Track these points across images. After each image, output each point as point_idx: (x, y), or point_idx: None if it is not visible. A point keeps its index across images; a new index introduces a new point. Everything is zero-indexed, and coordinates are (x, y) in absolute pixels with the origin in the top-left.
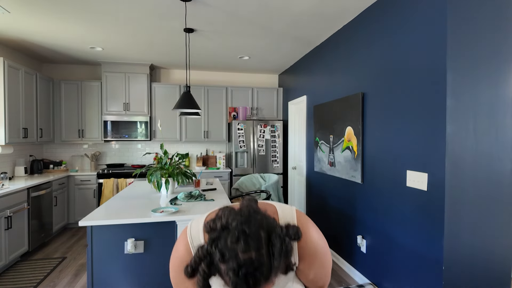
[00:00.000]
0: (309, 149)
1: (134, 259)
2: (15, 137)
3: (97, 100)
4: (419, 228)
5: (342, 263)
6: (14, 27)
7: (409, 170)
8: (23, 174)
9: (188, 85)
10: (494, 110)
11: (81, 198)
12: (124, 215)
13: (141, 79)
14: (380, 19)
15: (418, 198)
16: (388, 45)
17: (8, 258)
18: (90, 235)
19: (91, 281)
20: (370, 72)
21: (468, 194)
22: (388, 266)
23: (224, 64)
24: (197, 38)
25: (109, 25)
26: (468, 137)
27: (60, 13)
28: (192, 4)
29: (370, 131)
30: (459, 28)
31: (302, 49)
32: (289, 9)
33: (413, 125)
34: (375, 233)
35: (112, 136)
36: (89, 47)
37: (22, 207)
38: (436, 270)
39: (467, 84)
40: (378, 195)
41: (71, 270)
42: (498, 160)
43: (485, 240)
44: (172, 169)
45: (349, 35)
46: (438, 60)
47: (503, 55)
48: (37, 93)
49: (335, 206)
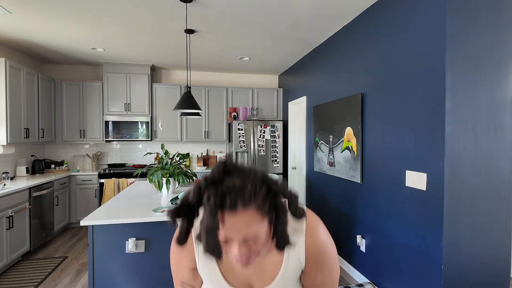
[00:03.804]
0: (309, 149)
1: (135, 258)
2: (16, 137)
3: (98, 100)
4: (418, 228)
5: (341, 262)
6: (15, 28)
7: (408, 170)
8: (25, 174)
9: (188, 86)
10: (493, 110)
11: (82, 198)
12: (125, 214)
13: (142, 80)
14: (380, 19)
15: (417, 198)
16: (387, 45)
17: (9, 257)
18: (92, 234)
19: (92, 280)
20: (370, 73)
21: (467, 194)
22: (388, 266)
23: (225, 64)
24: (198, 39)
25: (110, 26)
26: (467, 137)
27: (62, 14)
28: (192, 5)
29: (370, 131)
30: (458, 29)
31: (302, 50)
32: (289, 10)
33: (413, 125)
34: (374, 232)
35: (113, 136)
36: (90, 48)
37: (23, 207)
38: (436, 269)
39: (466, 84)
40: (377, 195)
41: (72, 269)
42: (497, 160)
43: (484, 240)
44: (173, 169)
45: (348, 35)
46: (437, 60)
47: (502, 55)
48: (39, 93)
49: (335, 206)
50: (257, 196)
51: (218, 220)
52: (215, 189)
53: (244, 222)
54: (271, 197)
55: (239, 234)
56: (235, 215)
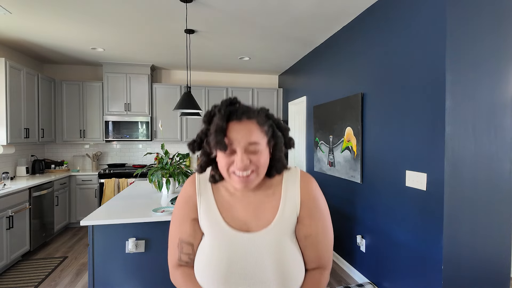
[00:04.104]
0: (309, 149)
1: (135, 258)
2: (16, 137)
3: (98, 100)
4: (419, 228)
5: (342, 262)
6: (15, 28)
7: (408, 170)
8: (25, 174)
9: (188, 86)
10: (493, 111)
11: (82, 198)
12: (125, 214)
13: (142, 80)
14: (380, 19)
15: (417, 198)
16: (387, 45)
17: (9, 257)
18: (92, 234)
19: (92, 280)
20: (370, 73)
21: (467, 194)
22: (388, 266)
23: (225, 64)
24: (198, 39)
25: (110, 26)
26: (467, 137)
27: (62, 14)
28: (192, 5)
29: (370, 131)
30: (458, 29)
31: (302, 50)
32: (289, 10)
33: (413, 125)
34: (374, 232)
35: (113, 136)
36: (91, 48)
37: (23, 207)
38: (436, 269)
39: (466, 85)
40: (377, 195)
41: (72, 269)
42: (497, 160)
43: (484, 240)
44: (173, 169)
45: (349, 35)
46: (437, 60)
47: (502, 55)
48: (39, 93)
49: (335, 206)
50: (259, 115)
51: (226, 123)
52: (225, 107)
53: (247, 129)
54: (270, 124)
55: (242, 140)
56: (240, 123)
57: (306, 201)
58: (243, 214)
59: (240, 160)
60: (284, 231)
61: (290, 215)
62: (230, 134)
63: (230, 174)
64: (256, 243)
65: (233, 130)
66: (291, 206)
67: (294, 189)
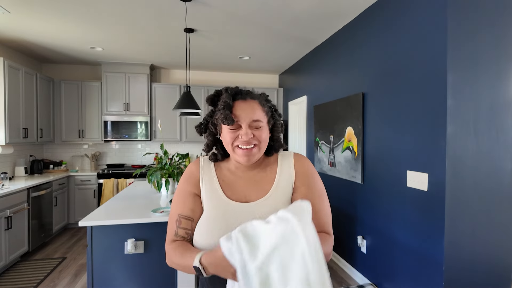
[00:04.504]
0: (309, 149)
1: (134, 259)
2: (15, 137)
3: (97, 100)
4: (420, 229)
5: (342, 263)
6: (14, 27)
7: (409, 170)
8: (23, 174)
9: (188, 85)
10: (495, 110)
11: (81, 198)
12: (124, 215)
13: (141, 79)
14: (380, 19)
15: (419, 198)
16: (388, 45)
17: (8, 258)
18: (90, 235)
19: (91, 281)
20: (371, 72)
21: (469, 194)
22: (389, 267)
23: (224, 64)
24: (197, 38)
25: (109, 25)
26: (468, 137)
27: (60, 13)
28: (192, 4)
29: (371, 131)
30: (459, 29)
31: (302, 49)
32: (289, 9)
33: (414, 125)
34: (375, 233)
35: (112, 136)
36: (89, 47)
37: (22, 207)
38: (437, 270)
39: (467, 84)
40: (378, 196)
41: (71, 270)
42: (499, 160)
43: (485, 240)
44: (172, 169)
45: (349, 35)
46: (438, 60)
47: (503, 55)
48: (37, 93)
49: (336, 207)
50: (260, 97)
51: (232, 101)
52: (231, 88)
53: (251, 107)
54: (270, 107)
55: (247, 117)
56: (245, 102)
57: (300, 172)
58: (243, 188)
59: (245, 134)
60: (280, 199)
61: (285, 185)
62: (236, 111)
63: (235, 148)
64: (253, 210)
65: (239, 108)
66: (286, 177)
67: (289, 163)
